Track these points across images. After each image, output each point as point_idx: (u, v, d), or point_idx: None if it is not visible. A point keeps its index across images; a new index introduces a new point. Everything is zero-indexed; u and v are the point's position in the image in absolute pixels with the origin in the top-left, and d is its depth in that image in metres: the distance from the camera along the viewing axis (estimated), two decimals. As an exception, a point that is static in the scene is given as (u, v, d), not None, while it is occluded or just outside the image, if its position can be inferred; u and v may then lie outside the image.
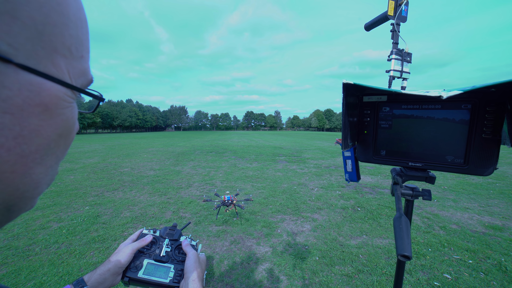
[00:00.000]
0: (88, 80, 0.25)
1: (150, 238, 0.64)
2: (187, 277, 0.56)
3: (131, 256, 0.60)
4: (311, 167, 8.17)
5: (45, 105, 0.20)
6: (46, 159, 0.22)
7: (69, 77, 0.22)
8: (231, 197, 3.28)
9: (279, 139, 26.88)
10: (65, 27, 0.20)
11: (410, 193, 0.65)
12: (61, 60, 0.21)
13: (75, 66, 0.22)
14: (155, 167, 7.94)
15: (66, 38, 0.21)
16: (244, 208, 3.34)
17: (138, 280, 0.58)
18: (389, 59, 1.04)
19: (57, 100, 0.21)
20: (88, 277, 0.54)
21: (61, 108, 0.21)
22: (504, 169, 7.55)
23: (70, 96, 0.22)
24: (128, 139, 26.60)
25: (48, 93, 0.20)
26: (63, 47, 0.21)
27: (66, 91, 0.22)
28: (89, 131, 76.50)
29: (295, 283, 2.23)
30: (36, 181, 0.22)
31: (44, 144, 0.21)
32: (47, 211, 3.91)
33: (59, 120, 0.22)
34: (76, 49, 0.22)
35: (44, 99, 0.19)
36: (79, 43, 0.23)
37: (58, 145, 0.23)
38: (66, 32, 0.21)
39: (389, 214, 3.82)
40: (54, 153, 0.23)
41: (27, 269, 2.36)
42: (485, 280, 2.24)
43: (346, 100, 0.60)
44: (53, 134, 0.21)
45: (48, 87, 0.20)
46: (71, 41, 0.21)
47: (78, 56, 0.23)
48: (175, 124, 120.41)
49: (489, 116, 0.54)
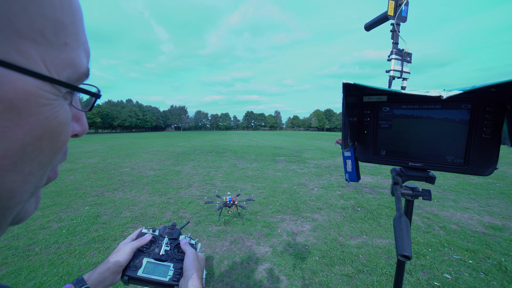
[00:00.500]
0: (79, 73, 0.21)
1: (149, 237, 0.65)
2: (186, 276, 0.56)
3: (130, 255, 0.60)
4: (311, 167, 8.16)
5: (9, 102, 0.16)
6: (22, 166, 0.19)
7: (46, 68, 0.18)
8: (232, 198, 3.27)
9: (279, 139, 26.88)
10: (32, 5, 0.17)
11: (410, 193, 0.65)
12: (30, 47, 0.17)
13: (55, 56, 0.19)
14: (155, 167, 7.94)
15: (34, 19, 0.17)
16: (246, 209, 3.33)
17: (137, 279, 0.59)
18: (389, 59, 1.05)
19: (28, 96, 0.17)
20: (88, 276, 0.54)
21: (35, 106, 0.18)
22: (504, 169, 7.54)
23: (49, 92, 0.19)
24: (128, 139, 26.60)
25: (12, 86, 0.16)
26: (31, 30, 0.17)
27: (41, 85, 0.18)
28: (89, 131, 76.11)
29: (295, 283, 2.23)
30: (9, 190, 0.19)
31: (14, 149, 0.17)
32: (47, 211, 3.91)
33: (34, 120, 0.18)
34: (53, 34, 0.18)
35: (6, 94, 0.16)
36: (59, 27, 0.19)
37: (40, 150, 0.19)
38: (34, 11, 0.17)
39: (389, 214, 3.82)
40: (34, 158, 0.19)
41: (27, 269, 2.36)
42: (485, 280, 2.24)
43: (346, 100, 0.60)
44: (27, 137, 0.18)
45: (13, 80, 0.16)
46: (43, 23, 0.17)
47: (58, 43, 0.19)
48: (175, 124, 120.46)
49: (489, 116, 0.54)
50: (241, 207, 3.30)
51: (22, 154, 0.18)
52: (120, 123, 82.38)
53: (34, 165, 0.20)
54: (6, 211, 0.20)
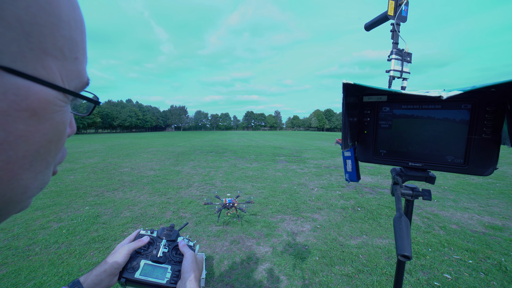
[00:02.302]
0: (83, 83, 0.24)
1: (147, 239, 0.64)
2: (184, 278, 0.56)
3: (127, 257, 0.59)
4: (311, 167, 8.16)
5: (32, 110, 0.19)
6: (35, 165, 0.21)
7: (61, 79, 0.21)
8: (232, 200, 3.26)
9: (279, 139, 26.88)
10: (56, 28, 0.19)
11: (410, 193, 0.65)
12: (52, 62, 0.20)
13: (68, 69, 0.22)
14: (155, 167, 7.94)
15: (57, 39, 0.20)
16: (245, 212, 3.31)
17: (135, 281, 0.58)
18: (389, 59, 1.04)
19: (46, 104, 0.20)
20: (84, 278, 0.53)
21: (50, 112, 0.20)
22: (504, 169, 7.55)
23: (62, 100, 0.21)
24: (128, 139, 26.60)
25: (36, 97, 0.19)
26: (54, 48, 0.20)
27: (57, 95, 0.21)
28: (89, 131, 76.55)
29: (295, 283, 2.23)
30: (24, 186, 0.21)
31: (32, 150, 0.20)
32: (47, 211, 3.91)
33: (48, 125, 0.21)
34: (69, 51, 0.21)
35: (32, 104, 0.18)
36: (73, 44, 0.22)
37: (48, 151, 0.22)
38: (57, 32, 0.20)
39: (389, 214, 3.82)
40: (44, 158, 0.22)
41: (27, 269, 2.36)
42: (485, 280, 2.24)
43: (346, 100, 0.60)
44: (41, 140, 0.20)
45: (37, 91, 0.19)
46: (63, 42, 0.20)
47: (71, 58, 0.22)
48: (175, 124, 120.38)
49: (489, 116, 0.54)
50: (240, 210, 3.28)
51: (37, 155, 0.21)
52: (120, 123, 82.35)
53: (43, 165, 0.23)
54: (19, 204, 0.23)
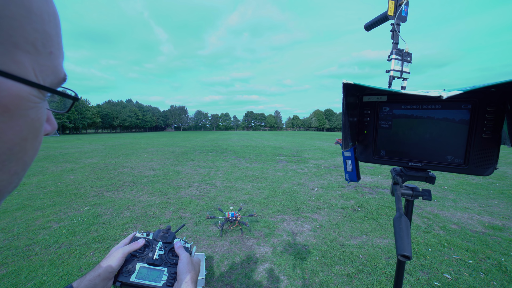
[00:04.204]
0: (59, 78, 0.23)
1: (142, 241, 0.63)
2: (180, 280, 0.55)
3: (122, 260, 0.58)
4: (311, 167, 8.16)
5: (4, 106, 0.18)
6: (9, 165, 0.20)
7: (35, 75, 0.20)
8: (235, 214, 3.25)
9: (279, 139, 26.88)
10: (26, 20, 0.18)
11: (410, 193, 0.65)
12: (24, 57, 0.19)
13: (42, 64, 0.21)
14: (155, 167, 7.94)
15: (29, 32, 0.19)
16: (248, 226, 3.31)
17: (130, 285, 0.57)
18: (389, 59, 1.04)
19: (19, 101, 0.19)
20: (77, 283, 0.52)
21: (24, 109, 0.19)
22: (504, 169, 7.55)
23: (36, 96, 0.20)
24: (128, 139, 26.60)
25: (8, 93, 0.18)
26: (25, 42, 0.19)
27: (30, 91, 0.20)
28: (89, 131, 76.56)
29: (295, 283, 2.23)
30: None
31: (4, 149, 0.19)
32: (47, 211, 3.91)
33: (22, 122, 0.20)
34: (42, 45, 0.20)
35: (3, 100, 0.18)
36: (46, 38, 0.21)
37: (24, 150, 0.21)
38: (29, 25, 0.19)
39: (389, 214, 3.82)
40: (19, 158, 0.21)
41: (27, 269, 2.36)
42: (485, 280, 2.24)
43: (346, 100, 0.60)
44: (15, 138, 0.19)
45: (8, 86, 0.18)
46: (35, 36, 0.19)
47: (45, 52, 0.21)
48: (175, 124, 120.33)
49: (489, 116, 0.54)
50: (243, 224, 3.28)
51: (10, 154, 0.20)
52: (120, 123, 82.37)
53: (19, 165, 0.21)
54: None
